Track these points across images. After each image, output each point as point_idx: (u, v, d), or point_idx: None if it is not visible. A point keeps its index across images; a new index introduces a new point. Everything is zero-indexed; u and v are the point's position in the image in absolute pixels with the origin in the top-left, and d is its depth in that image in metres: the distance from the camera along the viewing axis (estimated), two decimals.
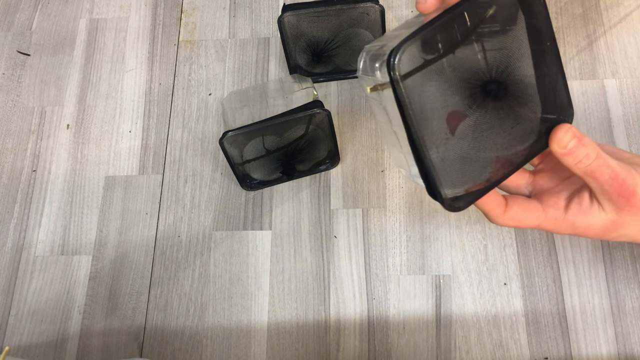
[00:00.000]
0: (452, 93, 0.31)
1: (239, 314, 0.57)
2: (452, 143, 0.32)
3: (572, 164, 0.33)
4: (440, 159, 0.32)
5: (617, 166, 0.33)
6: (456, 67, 0.31)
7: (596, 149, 0.33)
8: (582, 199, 0.35)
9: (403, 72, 0.29)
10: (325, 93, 0.66)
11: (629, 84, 0.63)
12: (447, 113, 0.32)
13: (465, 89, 0.32)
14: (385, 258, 0.58)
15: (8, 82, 0.71)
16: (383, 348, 0.55)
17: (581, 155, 0.33)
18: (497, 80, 0.32)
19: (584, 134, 0.60)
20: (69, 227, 0.62)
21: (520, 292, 0.55)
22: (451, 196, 0.32)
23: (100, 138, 0.66)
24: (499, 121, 0.32)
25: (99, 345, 0.57)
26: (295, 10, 0.58)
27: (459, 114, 0.32)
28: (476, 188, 0.33)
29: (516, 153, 0.34)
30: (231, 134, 0.53)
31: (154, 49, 0.71)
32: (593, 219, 0.35)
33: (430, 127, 0.31)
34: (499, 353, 0.54)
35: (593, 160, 0.33)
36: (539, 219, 0.36)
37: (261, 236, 0.60)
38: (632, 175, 0.33)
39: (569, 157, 0.33)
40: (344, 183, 0.62)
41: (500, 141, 0.33)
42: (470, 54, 0.31)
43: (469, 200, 0.33)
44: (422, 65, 0.30)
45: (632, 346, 0.53)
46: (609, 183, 0.33)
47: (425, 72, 0.30)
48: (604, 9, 0.67)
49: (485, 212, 0.35)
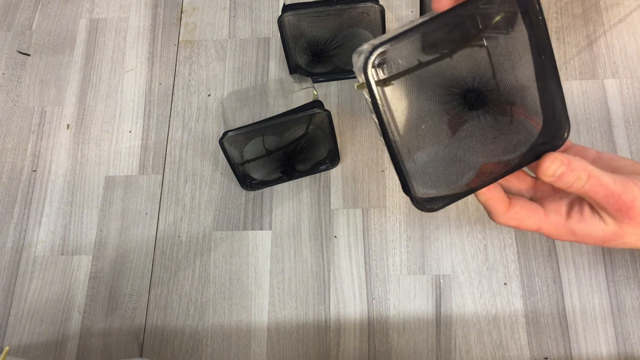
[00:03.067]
0: (431, 97, 0.31)
1: (239, 314, 0.57)
2: (427, 145, 0.32)
3: (565, 187, 0.33)
4: (414, 159, 0.32)
5: (611, 182, 0.33)
6: (438, 73, 0.31)
7: (587, 169, 0.32)
8: (583, 208, 0.35)
9: (380, 75, 0.29)
10: (325, 93, 0.66)
11: (629, 84, 0.63)
12: (424, 116, 0.31)
13: (446, 95, 0.31)
14: (385, 258, 0.58)
15: (8, 82, 0.71)
16: (383, 348, 0.55)
17: (571, 181, 0.33)
18: (478, 90, 0.32)
19: (584, 134, 0.61)
20: (69, 227, 0.62)
21: (520, 292, 0.55)
22: (424, 196, 0.32)
23: (100, 138, 0.66)
24: (480, 130, 0.32)
25: (99, 345, 0.57)
26: (295, 10, 0.58)
27: (437, 117, 0.32)
28: (452, 192, 0.33)
29: (500, 163, 0.33)
30: (231, 134, 0.53)
31: (154, 49, 0.71)
32: (594, 228, 0.35)
33: (405, 128, 0.31)
34: (499, 353, 0.54)
35: (585, 182, 0.32)
36: (540, 222, 0.35)
37: (261, 236, 0.60)
38: (629, 189, 0.33)
39: (560, 182, 0.33)
40: (344, 183, 0.62)
41: (481, 149, 0.33)
42: (454, 62, 0.31)
43: (444, 203, 0.33)
44: (404, 72, 0.30)
45: (632, 346, 0.53)
46: (605, 200, 0.33)
47: (407, 77, 0.30)
48: (604, 9, 0.67)
49: (488, 208, 0.35)
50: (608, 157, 0.37)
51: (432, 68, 0.31)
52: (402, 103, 0.31)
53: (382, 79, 0.29)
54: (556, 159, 0.32)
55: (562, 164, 0.32)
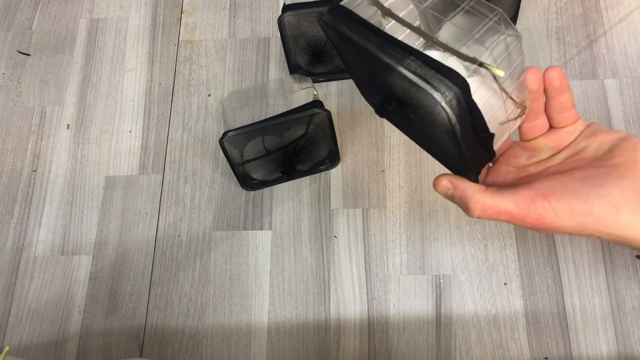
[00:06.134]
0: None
1: (239, 314, 0.57)
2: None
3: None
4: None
5: (514, 208, 0.33)
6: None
7: (478, 203, 0.33)
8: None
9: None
10: (325, 93, 0.66)
11: (629, 83, 0.63)
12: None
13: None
14: (385, 258, 0.58)
15: (8, 82, 0.71)
16: (383, 348, 0.55)
17: (472, 215, 0.34)
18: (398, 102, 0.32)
19: None
20: (69, 227, 0.62)
21: (520, 292, 0.55)
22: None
23: (101, 138, 0.66)
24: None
25: (99, 345, 0.57)
26: (295, 10, 0.58)
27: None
28: None
29: None
30: (231, 134, 0.53)
31: (154, 49, 0.71)
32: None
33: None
34: (499, 353, 0.54)
35: (480, 213, 0.34)
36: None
37: (261, 236, 0.60)
38: (535, 205, 0.32)
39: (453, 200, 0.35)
40: (344, 183, 0.62)
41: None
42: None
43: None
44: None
45: (632, 346, 0.53)
46: (516, 222, 0.33)
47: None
48: (604, 9, 0.67)
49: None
50: (595, 127, 0.37)
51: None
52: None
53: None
54: (444, 181, 0.35)
55: (451, 187, 0.34)
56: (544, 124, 0.37)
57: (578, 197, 0.32)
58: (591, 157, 0.35)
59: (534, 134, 0.38)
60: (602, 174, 0.32)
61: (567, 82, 0.35)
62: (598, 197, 0.31)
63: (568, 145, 0.37)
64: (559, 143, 0.37)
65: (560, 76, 0.34)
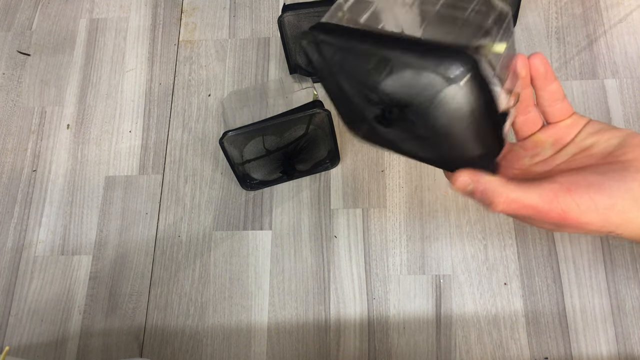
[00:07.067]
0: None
1: (239, 314, 0.57)
2: None
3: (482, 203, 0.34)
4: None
5: (539, 202, 0.32)
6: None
7: (502, 197, 0.32)
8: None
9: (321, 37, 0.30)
10: (325, 93, 0.66)
11: (629, 83, 0.63)
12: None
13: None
14: (385, 258, 0.58)
15: (8, 82, 0.71)
16: (383, 348, 0.55)
17: (494, 209, 0.33)
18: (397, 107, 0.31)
19: None
20: (69, 227, 0.62)
21: (520, 292, 0.55)
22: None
23: (101, 138, 0.66)
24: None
25: (99, 345, 0.57)
26: (295, 10, 0.58)
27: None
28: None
29: None
30: (231, 134, 0.53)
31: (154, 49, 0.71)
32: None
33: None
34: (499, 353, 0.54)
35: (501, 209, 0.32)
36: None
37: (261, 236, 0.60)
38: (556, 203, 0.31)
39: (474, 197, 0.34)
40: (344, 183, 0.62)
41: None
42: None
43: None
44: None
45: (632, 346, 0.53)
46: (535, 216, 0.32)
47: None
48: (604, 9, 0.67)
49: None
50: (598, 125, 0.36)
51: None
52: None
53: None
54: (466, 176, 0.33)
55: (470, 182, 0.33)
56: (536, 118, 0.37)
57: (601, 191, 0.31)
58: (601, 153, 0.34)
59: (529, 129, 0.37)
60: (619, 169, 0.32)
61: (552, 70, 0.35)
62: (620, 192, 0.31)
63: (572, 141, 0.36)
64: (559, 138, 0.37)
65: (544, 62, 0.34)
